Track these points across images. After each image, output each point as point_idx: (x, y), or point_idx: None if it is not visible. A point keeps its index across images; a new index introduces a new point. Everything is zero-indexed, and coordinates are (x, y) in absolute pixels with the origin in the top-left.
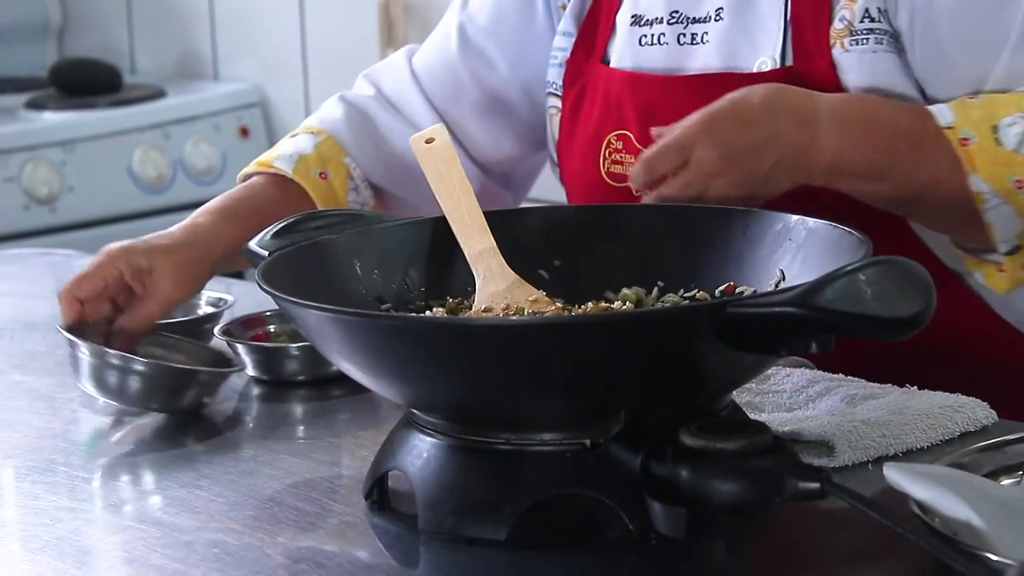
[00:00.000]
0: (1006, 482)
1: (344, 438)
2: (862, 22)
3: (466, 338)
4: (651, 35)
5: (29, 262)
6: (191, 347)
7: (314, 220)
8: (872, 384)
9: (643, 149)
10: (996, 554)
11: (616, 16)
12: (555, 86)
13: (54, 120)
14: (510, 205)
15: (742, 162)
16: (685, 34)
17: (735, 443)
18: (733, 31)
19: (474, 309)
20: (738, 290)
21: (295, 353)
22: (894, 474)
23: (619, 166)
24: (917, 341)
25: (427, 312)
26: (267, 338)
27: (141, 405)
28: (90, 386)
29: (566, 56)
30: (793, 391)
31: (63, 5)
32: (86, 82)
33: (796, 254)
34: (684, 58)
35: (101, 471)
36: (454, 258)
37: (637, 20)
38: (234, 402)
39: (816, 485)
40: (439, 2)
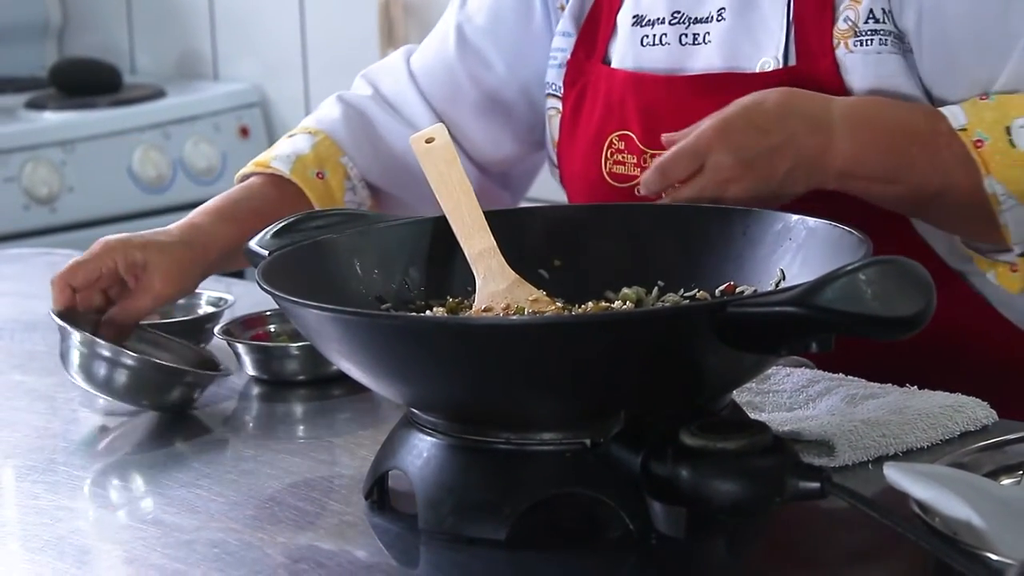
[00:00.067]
0: (1006, 482)
1: (344, 438)
2: (866, 23)
3: (466, 338)
4: (653, 35)
5: (29, 262)
6: (180, 347)
7: (314, 220)
8: (872, 384)
9: (645, 149)
10: (996, 554)
11: (617, 16)
12: (555, 87)
13: (54, 120)
14: (508, 205)
15: (757, 167)
16: (687, 34)
17: (735, 443)
18: (735, 31)
19: (474, 309)
20: (738, 290)
21: (295, 353)
22: (894, 474)
23: (621, 166)
24: (917, 341)
25: (427, 312)
26: (267, 338)
27: (127, 399)
28: (78, 376)
29: (566, 57)
30: (793, 391)
31: (63, 5)
32: (86, 82)
33: (796, 254)
34: (686, 58)
35: (101, 471)
36: (454, 258)
37: (638, 20)
38: (234, 402)
39: (816, 485)
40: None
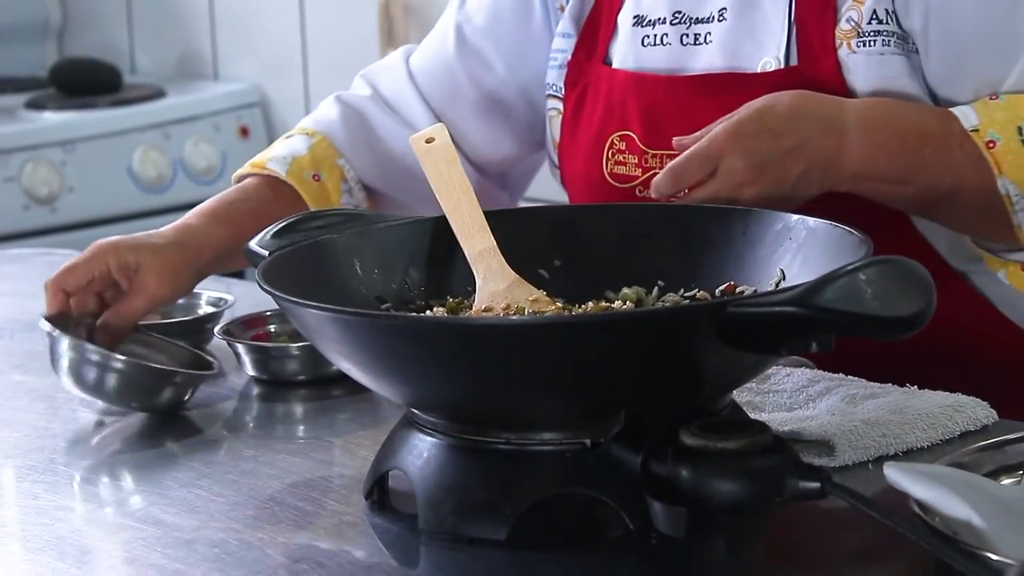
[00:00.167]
0: (1006, 482)
1: (344, 438)
2: (869, 23)
3: (466, 338)
4: (653, 35)
5: (29, 262)
6: (175, 349)
7: (314, 220)
8: (872, 384)
9: (646, 149)
10: (996, 554)
11: (617, 17)
12: (555, 87)
13: (54, 120)
14: (507, 205)
15: (771, 171)
16: (688, 34)
17: (735, 443)
18: (736, 31)
19: (474, 309)
20: (738, 290)
21: (295, 353)
22: (894, 474)
23: (622, 167)
24: (917, 341)
25: (427, 312)
26: (267, 338)
27: (117, 402)
28: (68, 380)
29: (566, 57)
30: (793, 391)
31: (63, 5)
32: (86, 82)
33: (796, 254)
34: (687, 58)
35: (101, 471)
36: (454, 258)
37: (639, 21)
38: (234, 402)
39: (816, 485)
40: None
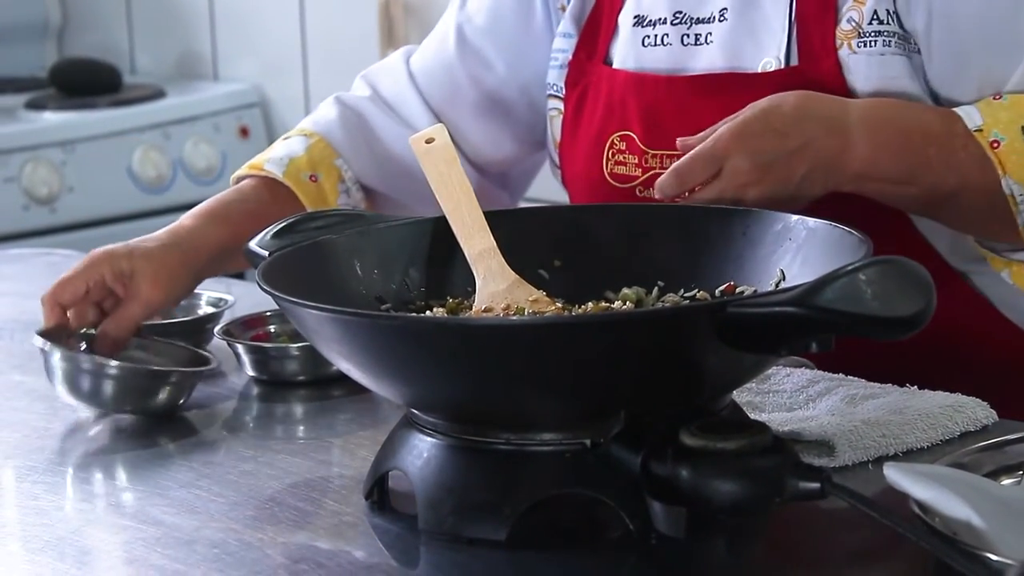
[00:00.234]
0: (1006, 482)
1: (344, 438)
2: (871, 23)
3: (466, 338)
4: (654, 36)
5: (29, 262)
6: (173, 349)
7: (314, 220)
8: (872, 384)
9: (646, 149)
10: (996, 554)
11: (618, 17)
12: (556, 88)
13: (54, 120)
14: (507, 205)
15: (775, 171)
16: (689, 35)
17: (735, 443)
18: (737, 31)
19: (474, 309)
20: (738, 290)
21: (295, 353)
22: (894, 474)
23: (622, 167)
24: (917, 341)
25: (427, 312)
26: (267, 338)
27: (115, 408)
28: (64, 392)
29: (567, 57)
30: (793, 391)
31: (63, 5)
32: (86, 82)
33: (796, 254)
34: (688, 59)
35: (101, 471)
36: (454, 258)
37: (640, 21)
38: (234, 402)
39: (816, 485)
40: (439, 2)
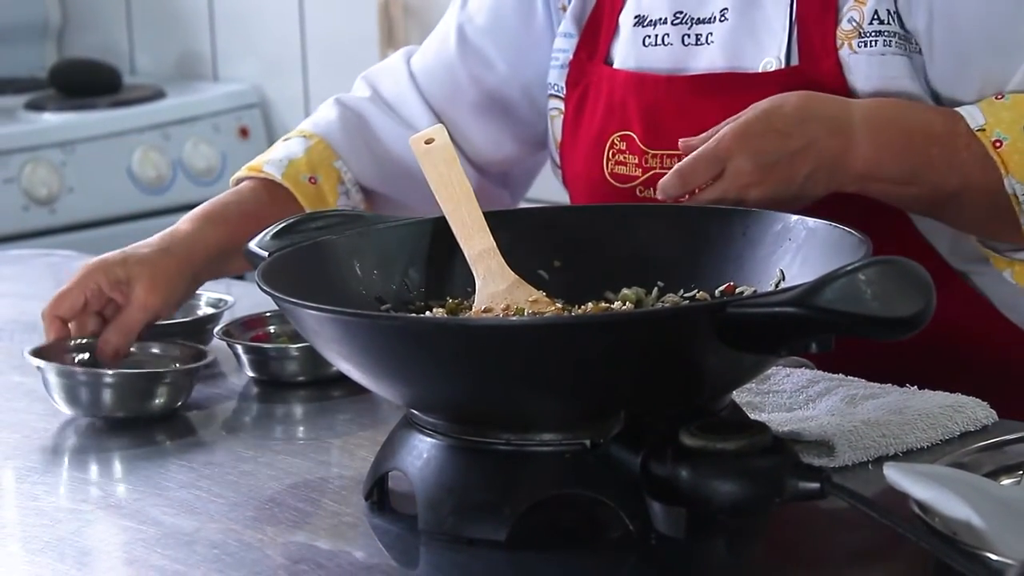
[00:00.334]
0: (1006, 482)
1: (344, 439)
2: (871, 23)
3: (466, 338)
4: (655, 36)
5: (29, 263)
6: (172, 348)
7: (314, 221)
8: (872, 384)
9: (646, 149)
10: (996, 554)
11: (619, 17)
12: (557, 87)
13: (54, 121)
14: (507, 205)
15: (778, 172)
16: (689, 35)
17: (735, 443)
18: (738, 31)
19: (474, 309)
20: (738, 290)
21: (295, 354)
22: (894, 474)
23: (622, 167)
24: (917, 341)
25: (427, 312)
26: (267, 339)
27: (116, 413)
28: (62, 404)
29: (568, 57)
30: (793, 391)
31: (63, 5)
32: (86, 83)
33: (796, 254)
34: (688, 59)
35: (101, 472)
36: (454, 258)
37: (640, 21)
38: (234, 402)
39: (816, 485)
40: (439, 2)
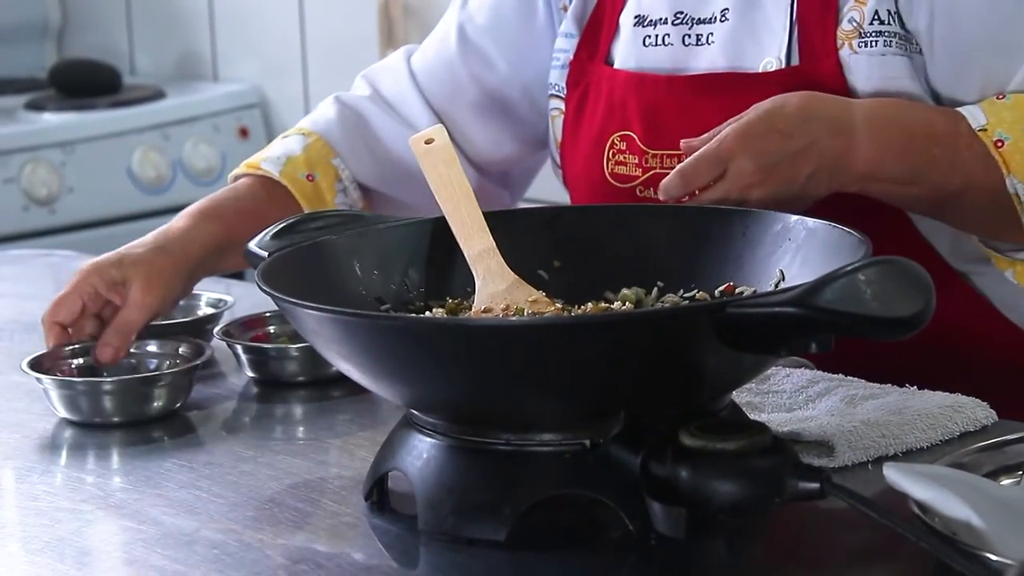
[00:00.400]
0: (1006, 482)
1: (343, 439)
2: (872, 24)
3: (466, 338)
4: (655, 36)
5: (29, 263)
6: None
7: (314, 221)
8: (872, 384)
9: (647, 149)
10: (996, 554)
11: (619, 17)
12: (557, 87)
13: (54, 121)
14: (507, 205)
15: (780, 172)
16: (690, 35)
17: (735, 443)
18: (738, 31)
19: (474, 310)
20: (738, 290)
21: (295, 354)
22: (894, 474)
23: (622, 167)
24: (917, 341)
25: (427, 312)
26: (267, 339)
27: (119, 418)
28: (64, 413)
29: (568, 57)
30: (793, 391)
31: (63, 5)
32: (86, 83)
33: (796, 254)
34: (689, 59)
35: (100, 472)
36: (454, 258)
37: (641, 21)
38: (233, 403)
39: (816, 485)
40: (439, 2)
